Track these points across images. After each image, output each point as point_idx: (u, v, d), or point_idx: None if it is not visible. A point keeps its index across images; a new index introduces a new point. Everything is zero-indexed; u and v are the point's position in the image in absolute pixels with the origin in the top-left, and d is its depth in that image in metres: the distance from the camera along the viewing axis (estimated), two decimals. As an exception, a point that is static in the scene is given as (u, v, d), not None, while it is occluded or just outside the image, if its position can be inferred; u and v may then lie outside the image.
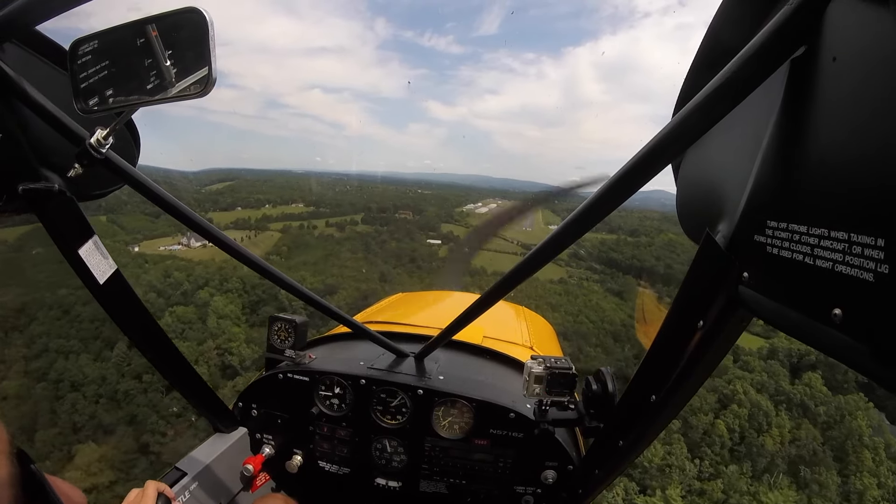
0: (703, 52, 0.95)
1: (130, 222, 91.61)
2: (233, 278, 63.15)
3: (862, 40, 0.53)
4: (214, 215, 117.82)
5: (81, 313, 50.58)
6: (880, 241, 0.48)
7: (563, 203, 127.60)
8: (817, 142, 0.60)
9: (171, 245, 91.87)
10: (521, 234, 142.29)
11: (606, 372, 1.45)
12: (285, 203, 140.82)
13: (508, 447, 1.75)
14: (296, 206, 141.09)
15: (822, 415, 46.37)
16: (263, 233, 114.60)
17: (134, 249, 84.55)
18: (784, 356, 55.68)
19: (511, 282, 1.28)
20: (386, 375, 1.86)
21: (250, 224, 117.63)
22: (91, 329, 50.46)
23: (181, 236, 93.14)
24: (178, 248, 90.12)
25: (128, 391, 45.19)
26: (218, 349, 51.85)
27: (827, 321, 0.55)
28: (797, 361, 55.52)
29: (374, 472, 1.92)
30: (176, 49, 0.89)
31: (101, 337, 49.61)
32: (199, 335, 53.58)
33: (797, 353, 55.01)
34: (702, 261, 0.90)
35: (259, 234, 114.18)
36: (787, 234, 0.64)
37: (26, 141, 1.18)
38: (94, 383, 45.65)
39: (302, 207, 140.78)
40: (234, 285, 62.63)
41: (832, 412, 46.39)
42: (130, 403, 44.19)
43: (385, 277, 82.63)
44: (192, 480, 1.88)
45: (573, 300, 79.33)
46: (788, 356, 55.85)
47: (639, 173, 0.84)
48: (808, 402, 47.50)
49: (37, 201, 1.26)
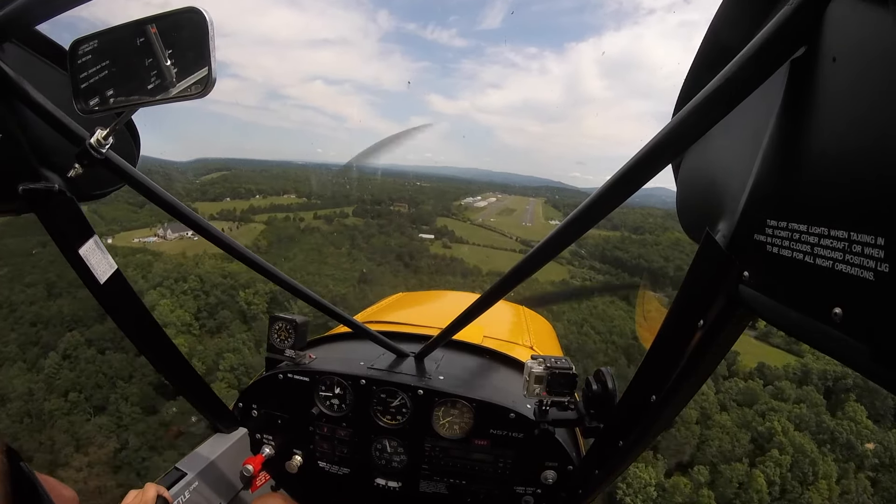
0: (703, 52, 0.96)
1: (110, 212, 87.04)
2: (191, 277, 55.58)
3: (862, 41, 0.53)
4: (201, 205, 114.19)
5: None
6: (880, 239, 0.48)
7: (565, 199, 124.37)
8: (817, 141, 0.60)
9: (148, 237, 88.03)
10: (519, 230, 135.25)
11: (606, 372, 1.44)
12: (276, 194, 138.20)
13: (508, 447, 1.75)
14: (287, 198, 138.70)
15: (869, 455, 40.35)
16: (247, 225, 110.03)
17: (108, 241, 79.41)
18: (818, 378, 48.26)
19: (511, 281, 1.27)
20: (386, 375, 1.85)
21: (235, 215, 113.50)
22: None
23: (158, 227, 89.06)
24: (154, 241, 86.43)
25: (52, 411, 38.04)
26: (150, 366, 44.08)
27: (827, 320, 0.55)
28: (832, 385, 48.11)
29: (374, 473, 1.92)
30: (176, 49, 0.89)
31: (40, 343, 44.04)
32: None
33: (832, 376, 47.66)
34: (702, 260, 0.90)
35: (243, 225, 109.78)
36: (788, 233, 0.64)
37: (26, 141, 1.18)
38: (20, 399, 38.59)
39: (294, 199, 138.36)
40: (191, 285, 54.95)
41: (880, 451, 40.42)
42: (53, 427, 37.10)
43: (365, 278, 75.18)
44: (192, 480, 1.92)
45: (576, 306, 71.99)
46: (823, 378, 48.48)
47: (639, 172, 0.84)
48: (854, 440, 40.08)
49: (37, 201, 1.26)
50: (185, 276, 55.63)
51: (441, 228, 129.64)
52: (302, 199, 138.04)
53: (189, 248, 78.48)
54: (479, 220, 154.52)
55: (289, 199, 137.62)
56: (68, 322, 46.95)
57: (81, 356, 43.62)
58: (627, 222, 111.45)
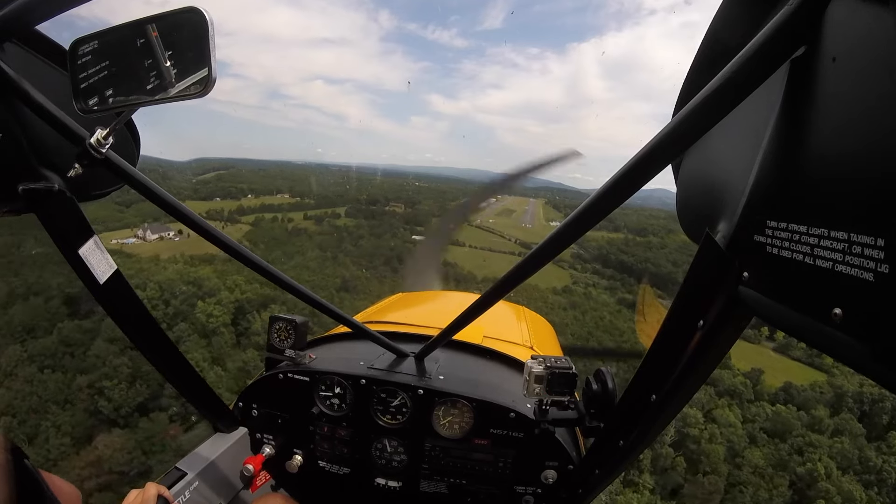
0: (703, 52, 0.96)
1: (95, 212, 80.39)
2: (150, 284, 49.67)
3: (862, 40, 0.53)
4: (190, 204, 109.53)
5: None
6: (880, 240, 0.48)
7: (565, 199, 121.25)
8: (817, 142, 0.60)
9: (127, 238, 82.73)
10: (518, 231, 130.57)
11: (606, 372, 1.45)
12: (269, 193, 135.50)
13: (508, 447, 1.74)
14: (281, 197, 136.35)
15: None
16: (233, 225, 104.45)
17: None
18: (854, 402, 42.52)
19: (511, 281, 1.27)
20: (386, 375, 1.84)
21: (222, 216, 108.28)
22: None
23: (138, 228, 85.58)
24: (132, 242, 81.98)
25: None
26: (91, 388, 36.14)
27: (827, 321, 0.55)
28: (868, 409, 42.39)
29: (374, 472, 1.91)
30: (176, 49, 0.89)
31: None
32: (79, 363, 39.22)
33: (869, 399, 41.96)
34: (702, 261, 0.90)
35: (229, 226, 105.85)
36: (787, 233, 0.64)
37: (26, 141, 1.19)
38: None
39: (287, 198, 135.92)
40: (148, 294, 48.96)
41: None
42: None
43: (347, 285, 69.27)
44: (192, 480, 1.91)
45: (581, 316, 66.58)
46: (859, 402, 42.70)
47: (639, 173, 0.84)
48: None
49: (37, 201, 1.26)
50: (144, 284, 49.93)
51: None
52: (295, 198, 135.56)
53: (166, 249, 73.81)
54: (477, 220, 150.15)
55: (282, 198, 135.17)
56: (19, 333, 41.46)
57: (20, 374, 38.08)
58: (630, 224, 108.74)
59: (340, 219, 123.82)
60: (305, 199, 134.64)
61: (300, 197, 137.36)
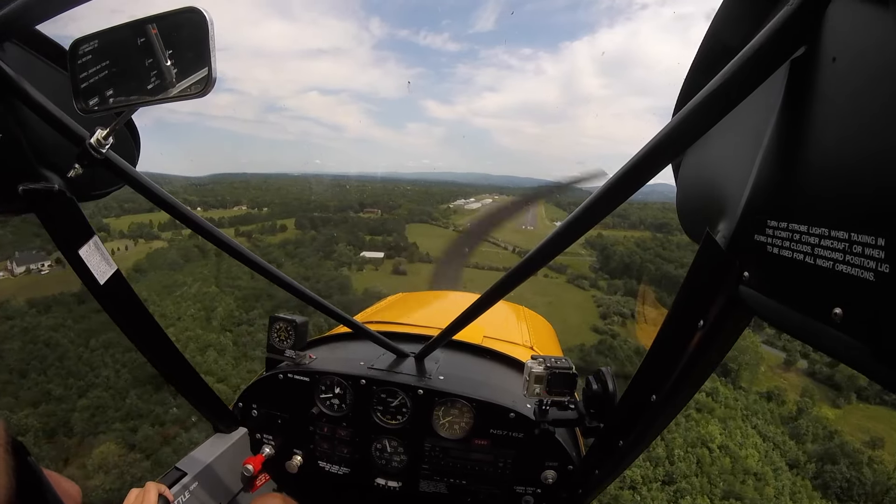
0: (703, 52, 0.95)
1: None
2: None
3: (862, 41, 0.53)
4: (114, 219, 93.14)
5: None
6: (880, 240, 0.48)
7: (566, 198, 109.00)
8: (817, 142, 0.60)
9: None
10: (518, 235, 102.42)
11: (606, 372, 1.45)
12: (223, 206, 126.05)
13: (508, 447, 1.75)
14: (238, 209, 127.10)
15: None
16: (149, 242, 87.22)
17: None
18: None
19: (511, 281, 1.27)
20: (386, 375, 1.85)
21: (142, 231, 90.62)
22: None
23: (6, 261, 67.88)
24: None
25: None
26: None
27: (827, 321, 0.55)
28: None
29: (374, 472, 1.92)
30: (176, 49, 0.89)
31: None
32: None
33: None
34: (702, 260, 0.90)
35: (143, 243, 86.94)
36: (788, 233, 0.64)
37: (26, 141, 1.19)
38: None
39: (244, 210, 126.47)
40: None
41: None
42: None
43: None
44: (192, 480, 1.90)
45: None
46: None
47: (639, 173, 0.84)
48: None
49: (37, 201, 1.26)
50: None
51: (406, 243, 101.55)
52: (254, 209, 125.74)
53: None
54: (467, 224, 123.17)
55: (238, 210, 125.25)
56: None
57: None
58: (646, 219, 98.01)
59: (287, 231, 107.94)
60: (264, 211, 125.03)
61: (258, 208, 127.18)
